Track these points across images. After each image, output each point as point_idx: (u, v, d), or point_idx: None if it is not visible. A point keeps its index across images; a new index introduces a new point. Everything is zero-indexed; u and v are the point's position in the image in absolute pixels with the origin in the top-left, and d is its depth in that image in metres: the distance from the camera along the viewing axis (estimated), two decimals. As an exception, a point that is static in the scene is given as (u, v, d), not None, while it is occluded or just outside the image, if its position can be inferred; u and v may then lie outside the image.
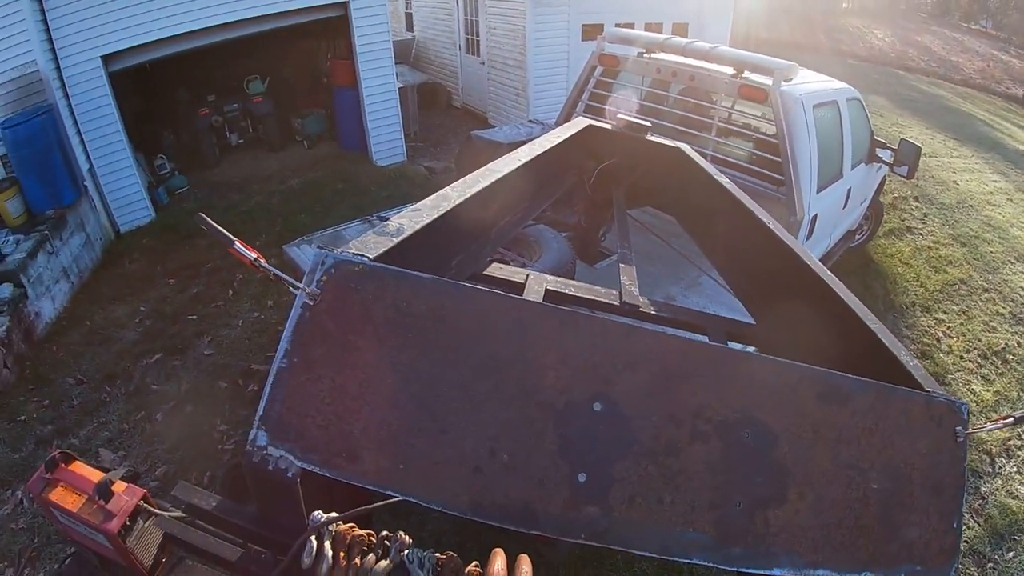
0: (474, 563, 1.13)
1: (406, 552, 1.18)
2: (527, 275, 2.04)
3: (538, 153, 2.30)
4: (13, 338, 3.85)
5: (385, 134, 7.35)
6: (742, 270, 2.41)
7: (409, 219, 1.50)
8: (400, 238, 1.39)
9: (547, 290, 2.00)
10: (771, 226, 2.10)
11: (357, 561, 1.16)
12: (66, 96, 5.18)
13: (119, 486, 1.28)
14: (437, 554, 1.13)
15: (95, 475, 1.29)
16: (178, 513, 1.31)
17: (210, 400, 3.62)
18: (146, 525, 1.26)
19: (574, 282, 2.15)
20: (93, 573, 1.33)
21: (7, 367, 3.72)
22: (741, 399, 1.22)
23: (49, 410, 3.55)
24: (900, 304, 5.15)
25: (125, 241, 5.54)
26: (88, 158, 5.40)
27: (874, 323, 1.58)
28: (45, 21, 4.94)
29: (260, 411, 1.12)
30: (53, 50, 5.03)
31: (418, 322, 1.17)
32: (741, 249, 2.38)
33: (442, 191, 1.71)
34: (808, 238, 3.95)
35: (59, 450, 1.33)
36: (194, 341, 4.18)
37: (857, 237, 5.73)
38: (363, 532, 1.19)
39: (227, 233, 1.20)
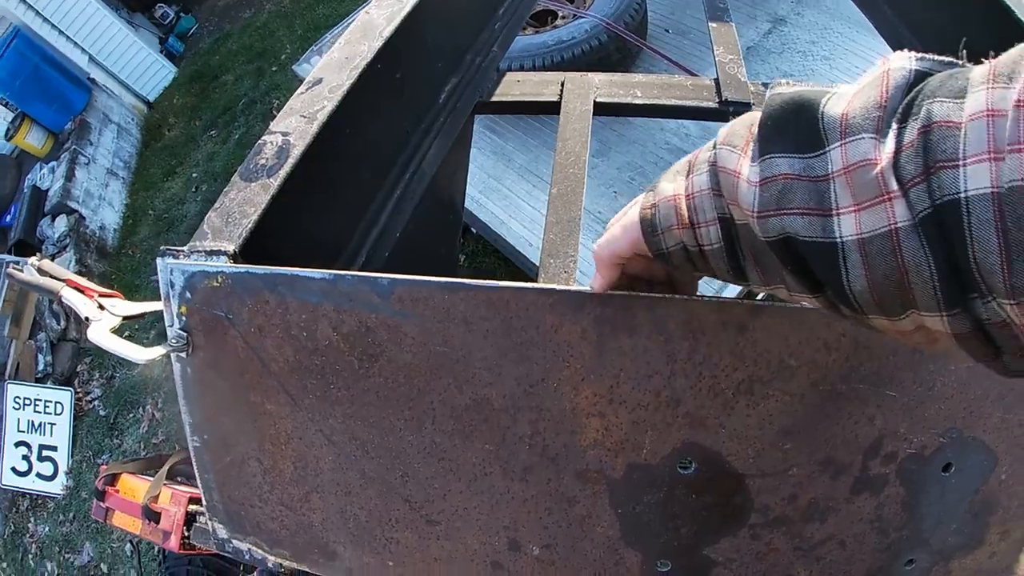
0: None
1: None
2: (561, 83, 1.20)
3: None
4: (89, 262, 3.93)
5: None
6: None
7: (301, 110, 0.79)
8: (285, 170, 0.75)
9: (596, 103, 1.19)
10: None
11: None
12: (24, 2, 4.24)
13: (164, 496, 1.18)
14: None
15: (140, 490, 1.20)
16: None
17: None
18: (203, 522, 1.19)
19: (641, 77, 1.25)
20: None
21: (63, 307, 3.93)
22: (950, 411, 0.60)
23: (147, 316, 3.82)
24: None
25: (158, 110, 5.09)
26: (83, 51, 4.67)
27: None
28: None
29: (202, 500, 0.82)
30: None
31: (339, 359, 0.67)
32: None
33: (360, 15, 0.89)
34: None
35: (102, 475, 1.24)
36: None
37: None
38: None
39: (55, 278, 0.77)
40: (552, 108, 1.20)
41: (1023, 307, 0.29)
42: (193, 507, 1.04)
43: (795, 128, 0.37)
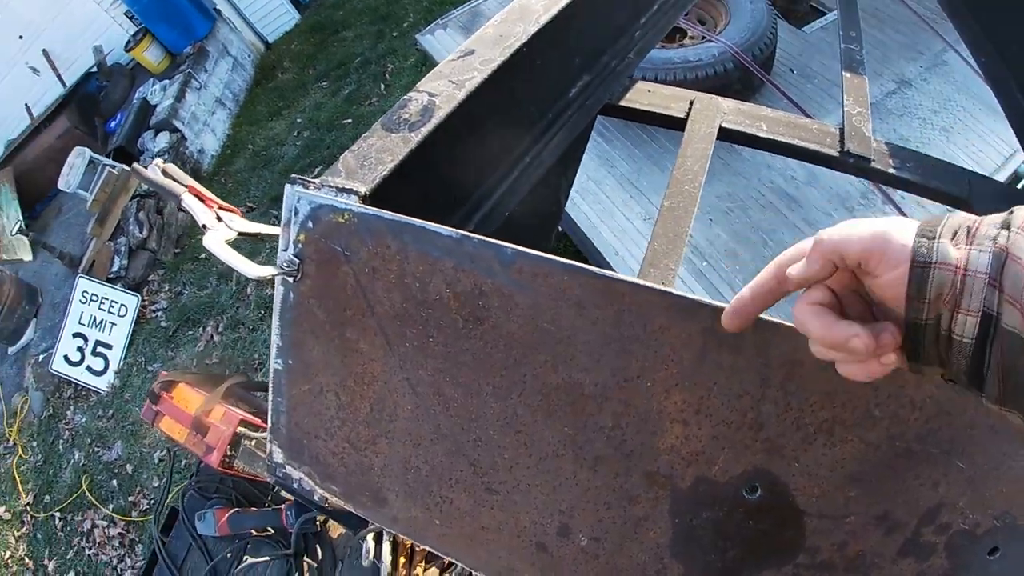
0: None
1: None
2: (691, 102, 1.26)
3: None
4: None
5: None
6: (1004, 56, 1.27)
7: (450, 76, 0.86)
8: (426, 129, 0.81)
9: (722, 128, 1.24)
10: None
11: (419, 571, 0.99)
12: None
13: (217, 413, 1.21)
14: None
15: (194, 402, 1.24)
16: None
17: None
18: (251, 445, 1.22)
19: (767, 111, 1.31)
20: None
21: (183, 210, 4.08)
22: (1010, 496, 0.62)
23: (261, 237, 3.93)
24: None
25: (274, 52, 5.32)
26: (215, -21, 4.92)
27: None
28: None
29: (268, 420, 0.85)
30: None
31: (445, 315, 0.71)
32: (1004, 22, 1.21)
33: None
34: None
35: (160, 379, 1.28)
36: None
37: None
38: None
39: (177, 182, 0.83)
40: (677, 124, 1.25)
41: None
42: (242, 429, 1.07)
43: None
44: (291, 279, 0.77)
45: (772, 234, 2.55)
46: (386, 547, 0.92)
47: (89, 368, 3.96)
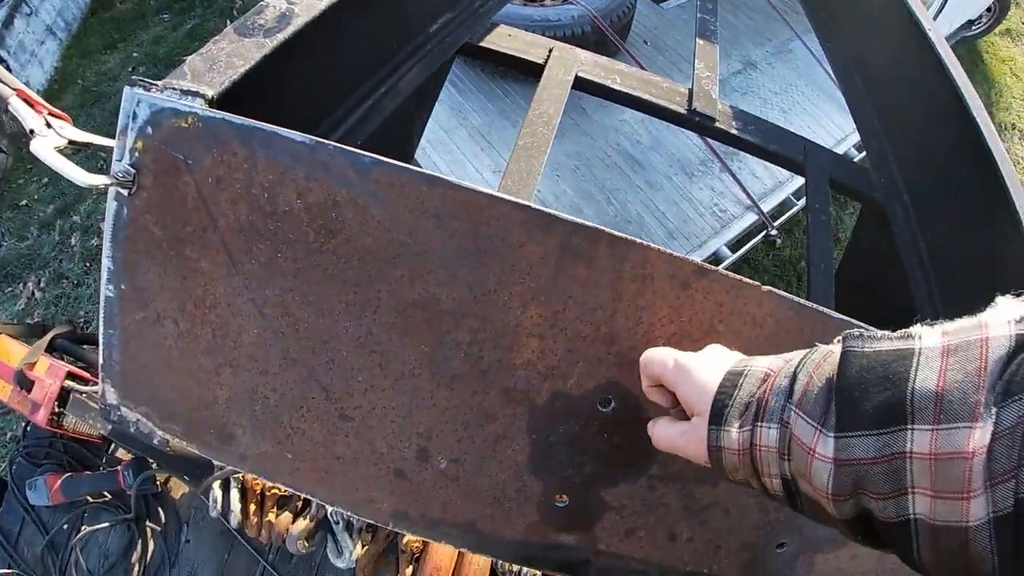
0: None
1: (330, 509, 0.92)
2: (549, 50, 1.27)
3: None
4: (3, 119, 3.64)
5: None
6: (848, 43, 1.44)
7: None
8: (282, 36, 0.74)
9: (578, 77, 1.26)
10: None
11: (271, 517, 0.93)
12: None
13: (42, 366, 1.07)
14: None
15: (16, 355, 1.08)
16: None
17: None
18: (82, 397, 1.09)
19: (622, 66, 1.35)
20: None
21: (3, 151, 3.60)
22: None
23: (49, 188, 3.51)
24: (998, 123, 4.03)
25: None
26: None
27: None
28: None
29: (99, 356, 0.76)
30: None
31: (295, 228, 0.66)
32: (853, 13, 1.38)
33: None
34: (937, 15, 3.14)
35: None
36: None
37: (974, 27, 4.34)
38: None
39: (6, 85, 0.72)
40: (535, 70, 1.25)
41: None
42: (69, 383, 0.95)
43: (877, 404, 0.35)
44: (125, 191, 0.69)
45: (616, 194, 2.69)
46: (234, 495, 0.85)
47: None
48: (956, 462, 0.32)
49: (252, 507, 0.86)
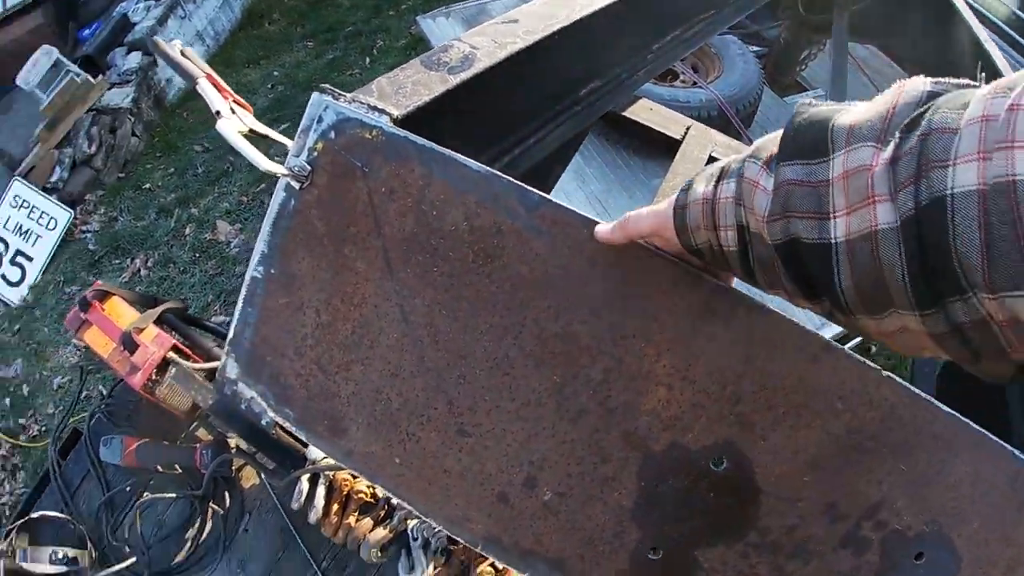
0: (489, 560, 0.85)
1: (412, 524, 0.93)
2: (687, 127, 1.36)
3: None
4: (143, 106, 3.89)
5: None
6: None
7: (493, 36, 0.89)
8: (465, 75, 0.82)
9: (711, 157, 1.35)
10: None
11: (352, 520, 0.94)
12: None
13: (148, 333, 1.11)
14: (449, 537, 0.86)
15: (127, 318, 1.13)
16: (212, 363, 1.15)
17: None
18: (177, 372, 1.12)
19: None
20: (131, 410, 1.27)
21: (136, 135, 3.84)
22: (942, 504, 0.70)
23: (174, 178, 3.71)
24: None
25: (266, 1, 5.18)
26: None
27: None
28: None
29: (231, 331, 0.80)
30: None
31: (457, 247, 0.70)
32: None
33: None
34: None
35: (94, 288, 1.16)
36: (324, 112, 4.02)
37: None
38: (367, 486, 0.94)
39: (196, 66, 0.80)
40: (671, 145, 1.33)
41: (1002, 303, 0.30)
42: (172, 355, 0.98)
43: (807, 139, 0.40)
44: (297, 185, 0.75)
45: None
46: (320, 490, 0.86)
47: (3, 276, 3.62)
48: (862, 173, 0.36)
49: (335, 507, 0.87)
